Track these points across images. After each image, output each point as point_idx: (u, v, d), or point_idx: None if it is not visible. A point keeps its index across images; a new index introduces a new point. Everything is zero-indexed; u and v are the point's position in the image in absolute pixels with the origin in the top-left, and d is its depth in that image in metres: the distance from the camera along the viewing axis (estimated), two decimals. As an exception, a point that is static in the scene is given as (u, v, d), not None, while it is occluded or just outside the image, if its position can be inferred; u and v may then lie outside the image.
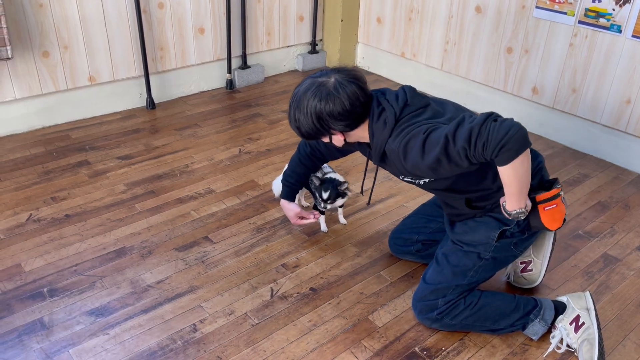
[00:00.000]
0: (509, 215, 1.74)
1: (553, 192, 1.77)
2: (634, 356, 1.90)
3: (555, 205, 1.78)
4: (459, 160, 1.61)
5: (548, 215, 1.78)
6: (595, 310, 1.88)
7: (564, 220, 1.83)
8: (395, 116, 1.72)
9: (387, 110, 1.73)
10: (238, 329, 1.94)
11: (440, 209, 2.17)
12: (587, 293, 1.94)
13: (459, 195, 1.85)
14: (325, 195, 2.26)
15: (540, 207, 1.77)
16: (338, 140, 1.82)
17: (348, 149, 2.00)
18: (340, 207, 2.46)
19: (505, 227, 1.84)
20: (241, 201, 2.63)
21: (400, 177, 1.86)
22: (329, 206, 2.31)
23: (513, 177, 1.62)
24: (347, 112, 1.71)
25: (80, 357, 1.81)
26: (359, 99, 1.71)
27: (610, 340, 1.95)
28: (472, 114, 1.70)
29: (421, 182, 1.83)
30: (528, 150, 1.58)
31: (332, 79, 1.72)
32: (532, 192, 1.78)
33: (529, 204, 1.75)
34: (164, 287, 2.10)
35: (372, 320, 2.00)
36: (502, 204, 1.76)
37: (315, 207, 2.41)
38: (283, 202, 2.29)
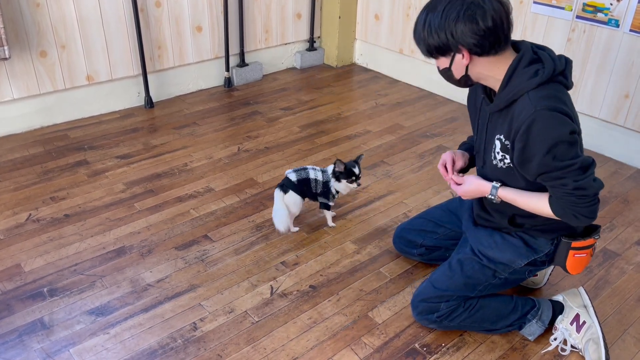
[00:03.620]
0: (491, 193, 1.72)
1: (589, 242, 1.75)
2: (634, 350, 1.91)
3: (584, 255, 1.77)
4: (544, 177, 1.55)
5: (575, 262, 1.78)
6: (592, 306, 1.89)
7: (585, 267, 1.83)
8: (552, 73, 1.53)
9: (546, 62, 1.54)
10: (238, 327, 1.94)
11: (452, 215, 2.11)
12: (581, 289, 1.94)
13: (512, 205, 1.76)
14: (357, 170, 2.29)
15: (571, 252, 1.76)
16: (460, 65, 1.58)
17: (464, 84, 1.69)
18: (329, 209, 2.45)
19: (534, 258, 1.80)
20: (240, 199, 2.63)
21: (497, 137, 1.65)
22: (354, 185, 2.31)
23: (537, 211, 1.66)
24: (488, 29, 1.49)
25: (80, 357, 1.81)
26: (503, 21, 1.50)
27: (610, 335, 1.95)
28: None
29: (504, 162, 1.67)
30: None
31: None
32: (571, 236, 1.76)
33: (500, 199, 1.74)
34: (163, 286, 2.10)
35: (371, 317, 2.00)
36: (496, 185, 1.72)
37: (323, 206, 2.41)
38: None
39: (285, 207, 2.31)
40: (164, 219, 2.47)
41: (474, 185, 1.78)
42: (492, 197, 1.74)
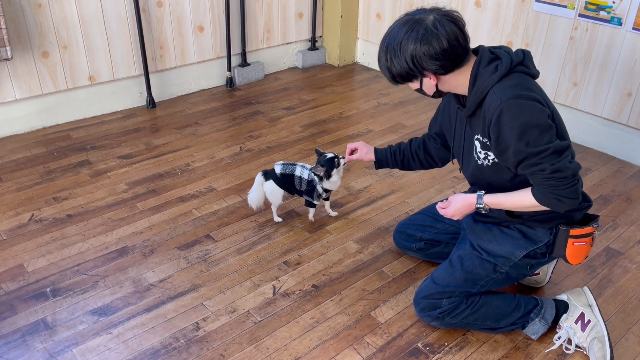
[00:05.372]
0: (478, 202, 1.77)
1: (588, 230, 1.77)
2: (637, 349, 1.90)
3: (584, 244, 1.78)
4: (523, 164, 1.60)
5: (575, 250, 1.78)
6: (597, 305, 1.88)
7: (585, 257, 1.83)
8: (510, 64, 1.60)
9: (503, 57, 1.62)
10: (241, 327, 1.94)
11: None
12: (586, 288, 1.94)
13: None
14: (330, 154, 2.29)
15: (570, 240, 1.77)
16: (429, 85, 1.69)
17: (439, 97, 1.80)
18: (327, 199, 2.47)
19: (532, 248, 1.81)
20: (242, 199, 2.63)
21: (476, 138, 1.73)
22: (342, 166, 2.30)
23: (523, 205, 1.69)
24: (444, 51, 1.58)
25: (83, 357, 1.81)
26: (457, 39, 1.59)
27: (613, 334, 1.95)
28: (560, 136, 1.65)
29: (488, 159, 1.73)
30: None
31: (431, 17, 1.60)
32: (570, 225, 1.77)
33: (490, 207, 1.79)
34: (166, 286, 2.11)
35: (374, 317, 2.00)
36: (480, 194, 1.77)
37: (307, 204, 2.42)
38: (372, 150, 2.18)
39: (262, 192, 2.38)
40: (166, 219, 2.47)
41: (460, 202, 1.83)
42: (480, 206, 1.78)
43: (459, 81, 1.68)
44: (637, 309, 2.07)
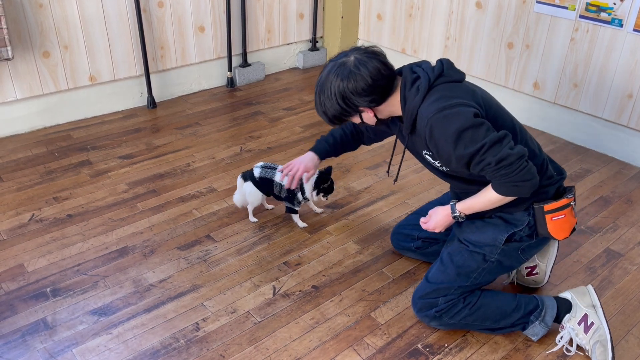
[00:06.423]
0: (452, 212, 1.83)
1: (562, 202, 1.79)
2: (637, 351, 1.90)
3: (563, 216, 1.79)
4: (471, 165, 1.66)
5: (556, 225, 1.80)
6: (601, 306, 1.88)
7: (574, 229, 1.84)
8: (429, 82, 1.70)
9: (422, 77, 1.72)
10: (240, 327, 1.94)
11: None
12: (590, 287, 1.93)
13: (477, 187, 1.82)
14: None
15: (547, 216, 1.79)
16: (369, 118, 1.80)
17: (381, 127, 1.96)
18: (295, 213, 2.46)
19: (514, 230, 1.83)
20: (243, 199, 2.63)
21: (424, 153, 1.83)
22: (315, 198, 2.35)
23: (491, 201, 1.75)
24: (370, 86, 1.70)
25: (83, 357, 1.81)
26: (380, 72, 1.71)
27: (614, 335, 1.94)
28: (505, 121, 1.73)
29: (439, 164, 1.81)
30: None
31: (352, 58, 1.72)
32: (542, 201, 1.80)
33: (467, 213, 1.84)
34: (166, 286, 2.11)
35: (374, 318, 2.00)
36: (453, 203, 1.84)
37: (288, 210, 2.42)
38: (309, 153, 2.24)
39: (243, 192, 2.40)
40: (167, 219, 2.47)
41: (439, 214, 1.90)
42: (457, 214, 1.84)
43: (393, 106, 1.78)
44: (637, 311, 2.06)
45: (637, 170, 2.99)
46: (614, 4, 2.86)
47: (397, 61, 4.03)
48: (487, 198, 1.75)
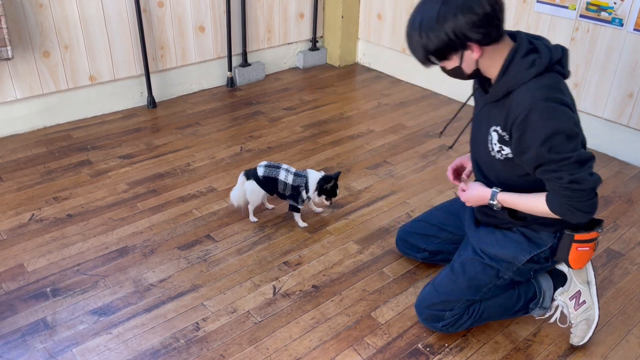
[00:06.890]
0: (491, 199, 1.71)
1: (592, 235, 1.72)
2: (638, 351, 1.90)
3: (587, 249, 1.74)
4: (541, 169, 1.54)
5: (577, 255, 1.75)
6: (595, 284, 1.86)
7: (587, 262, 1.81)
8: (549, 62, 1.51)
9: (543, 52, 1.52)
10: (241, 327, 1.94)
11: (454, 218, 2.09)
12: (589, 263, 1.87)
13: (520, 190, 1.71)
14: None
15: (574, 245, 1.72)
16: (470, 61, 1.55)
17: (469, 78, 1.66)
18: (297, 212, 2.45)
19: (537, 252, 1.76)
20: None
21: (492, 129, 1.64)
22: (317, 199, 2.35)
23: (536, 210, 1.64)
24: (488, 16, 1.45)
25: (83, 357, 1.81)
26: (498, 3, 1.47)
27: (614, 335, 1.94)
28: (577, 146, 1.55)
29: (501, 153, 1.64)
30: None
31: None
32: (574, 229, 1.73)
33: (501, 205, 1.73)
34: (166, 286, 2.10)
35: (374, 317, 2.00)
36: (496, 190, 1.71)
37: (291, 208, 2.42)
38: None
39: (243, 191, 2.39)
40: (167, 219, 2.47)
41: (476, 192, 1.77)
42: (494, 202, 1.73)
43: (493, 60, 1.55)
44: (637, 311, 2.06)
45: (638, 170, 2.99)
46: (615, 3, 2.86)
47: (397, 61, 4.03)
48: (534, 204, 1.63)
